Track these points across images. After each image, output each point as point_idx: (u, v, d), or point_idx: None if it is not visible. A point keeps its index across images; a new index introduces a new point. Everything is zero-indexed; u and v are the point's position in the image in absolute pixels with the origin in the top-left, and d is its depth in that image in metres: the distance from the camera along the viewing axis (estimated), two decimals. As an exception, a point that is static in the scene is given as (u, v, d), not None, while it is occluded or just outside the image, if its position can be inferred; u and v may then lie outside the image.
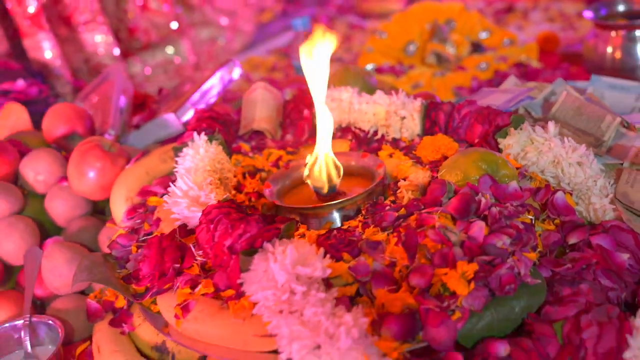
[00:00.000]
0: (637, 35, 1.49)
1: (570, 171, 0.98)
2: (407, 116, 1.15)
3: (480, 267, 0.80)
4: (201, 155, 1.04)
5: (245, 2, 2.63)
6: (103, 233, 1.12)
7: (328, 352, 0.74)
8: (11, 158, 1.17)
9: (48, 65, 1.72)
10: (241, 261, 0.81)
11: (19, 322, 1.00)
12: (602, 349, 0.75)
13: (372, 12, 2.63)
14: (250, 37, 2.47)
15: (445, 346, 0.77)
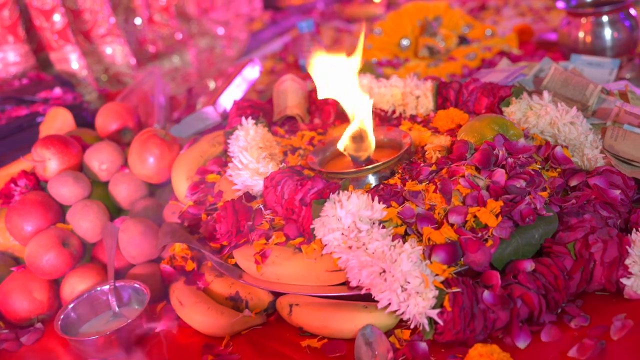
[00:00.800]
0: (604, 20, 1.71)
1: (565, 130, 1.17)
2: (421, 95, 1.34)
3: (505, 204, 0.99)
4: (252, 135, 1.22)
5: (236, 13, 2.81)
6: (167, 209, 1.28)
7: (392, 274, 0.92)
8: (77, 151, 1.32)
9: (75, 75, 1.87)
10: (313, 209, 0.98)
11: (105, 287, 1.16)
12: (608, 258, 0.94)
13: (355, 16, 2.83)
14: (244, 45, 2.65)
15: (483, 267, 0.96)
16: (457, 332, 0.90)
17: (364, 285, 0.95)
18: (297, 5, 3.10)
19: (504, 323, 0.92)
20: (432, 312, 0.90)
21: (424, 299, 0.90)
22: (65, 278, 1.20)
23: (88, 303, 1.15)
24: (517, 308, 0.92)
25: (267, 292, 1.09)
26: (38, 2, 1.83)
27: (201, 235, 1.15)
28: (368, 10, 2.81)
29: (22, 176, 1.32)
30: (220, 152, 1.32)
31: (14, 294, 1.19)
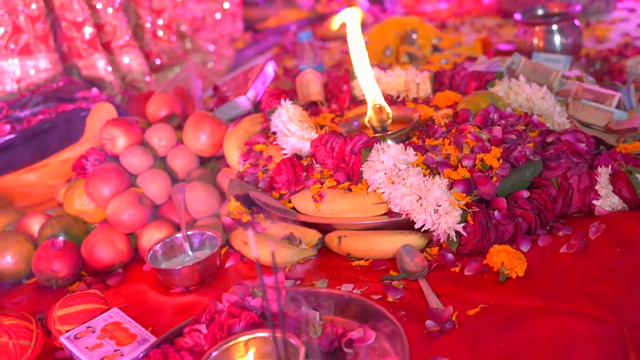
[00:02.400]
0: (554, 28, 2.08)
1: (538, 103, 1.50)
2: (421, 82, 1.66)
3: (503, 151, 1.31)
4: (292, 112, 1.50)
5: (221, 33, 3.09)
6: (220, 175, 1.54)
7: (427, 199, 1.21)
8: (139, 130, 1.57)
9: (102, 79, 2.11)
10: (362, 156, 1.27)
11: (179, 235, 1.41)
12: (582, 186, 1.27)
13: (328, 36, 3.15)
14: (232, 61, 2.92)
15: (491, 196, 1.27)
16: (477, 241, 1.20)
17: (404, 211, 1.24)
18: (273, 27, 3.41)
19: (510, 234, 1.23)
20: (459, 226, 1.20)
21: (452, 216, 1.20)
22: (143, 230, 1.45)
23: (167, 247, 1.39)
24: (519, 223, 1.23)
25: (316, 231, 1.36)
26: (70, 15, 2.07)
27: (261, 188, 1.42)
28: (340, 30, 3.14)
29: (92, 152, 1.56)
30: (259, 129, 1.60)
31: (99, 244, 1.42)
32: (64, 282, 1.41)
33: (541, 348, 0.97)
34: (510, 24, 2.79)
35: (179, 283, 1.32)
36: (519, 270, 1.14)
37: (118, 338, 1.14)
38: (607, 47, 2.26)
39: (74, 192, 1.53)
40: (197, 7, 2.91)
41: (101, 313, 1.21)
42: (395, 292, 1.18)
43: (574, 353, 0.95)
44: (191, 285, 1.33)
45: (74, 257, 1.41)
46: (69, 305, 1.21)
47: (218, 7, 2.96)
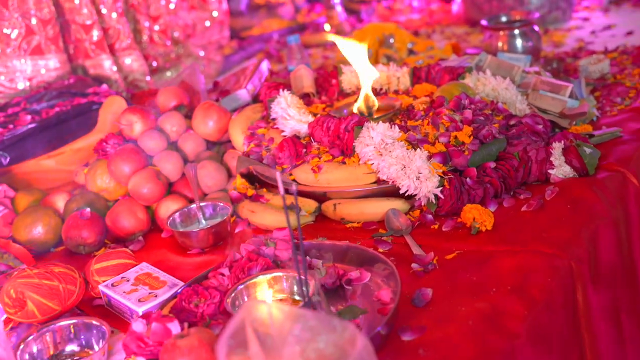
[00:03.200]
0: (516, 33, 2.33)
1: (502, 93, 1.74)
2: (401, 76, 1.89)
3: (473, 130, 1.54)
4: (290, 100, 1.72)
5: (209, 40, 3.30)
6: (227, 155, 1.74)
7: (410, 168, 1.44)
8: (153, 117, 1.77)
9: (109, 78, 2.31)
10: (355, 132, 1.50)
11: (193, 206, 1.61)
12: (540, 157, 1.50)
13: (310, 43, 3.38)
14: (220, 65, 3.13)
15: (464, 167, 1.50)
16: (452, 203, 1.43)
17: (391, 179, 1.46)
18: (257, 35, 3.63)
19: (480, 197, 1.46)
20: (437, 190, 1.42)
21: (431, 182, 1.42)
22: (160, 202, 1.64)
23: (184, 215, 1.60)
24: (487, 188, 1.46)
25: (314, 201, 1.57)
26: (80, 19, 2.27)
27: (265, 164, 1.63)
28: (320, 38, 3.37)
29: (111, 137, 1.76)
30: (260, 117, 1.81)
31: (122, 215, 1.61)
32: (90, 249, 1.60)
33: (506, 278, 1.19)
34: (477, 32, 3.05)
35: (196, 245, 1.53)
36: (488, 224, 1.37)
37: (150, 284, 1.33)
38: (563, 50, 2.53)
39: (96, 171, 1.72)
40: (189, 16, 3.11)
41: (132, 267, 1.41)
42: (385, 245, 1.40)
43: (533, 280, 1.18)
44: (206, 246, 1.53)
45: (99, 226, 1.60)
46: (105, 260, 1.40)
47: (207, 15, 3.17)
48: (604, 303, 1.31)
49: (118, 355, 1.22)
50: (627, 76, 2.07)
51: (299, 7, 3.99)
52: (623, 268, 1.41)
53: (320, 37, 3.38)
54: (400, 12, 3.75)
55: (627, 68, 2.14)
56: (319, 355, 0.85)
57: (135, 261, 1.44)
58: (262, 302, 0.92)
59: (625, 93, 1.93)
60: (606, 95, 1.95)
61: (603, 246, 1.33)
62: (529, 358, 1.08)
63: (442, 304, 1.17)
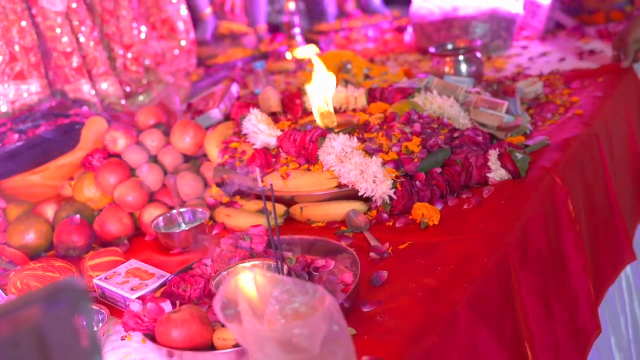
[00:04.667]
0: (460, 59, 2.59)
1: (447, 110, 1.98)
2: (358, 96, 2.11)
3: (422, 140, 1.77)
4: (259, 117, 1.92)
5: (177, 68, 3.50)
6: (204, 167, 1.93)
7: (367, 173, 1.65)
8: (135, 133, 1.96)
9: (88, 101, 2.48)
10: (319, 142, 1.70)
11: (174, 212, 1.79)
12: (479, 163, 1.73)
13: (272, 70, 3.60)
14: (189, 91, 3.33)
15: (413, 172, 1.72)
16: (404, 203, 1.64)
17: (350, 182, 1.67)
18: (222, 63, 3.84)
19: (428, 198, 1.68)
20: (390, 191, 1.64)
21: (385, 185, 1.64)
22: (144, 209, 1.82)
23: (166, 220, 1.77)
24: (434, 190, 1.68)
25: (283, 205, 1.77)
26: (60, 46, 2.44)
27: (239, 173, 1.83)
28: (282, 65, 3.60)
29: (96, 152, 1.93)
30: (232, 133, 2.01)
31: (109, 220, 1.79)
32: (80, 252, 1.76)
33: (450, 260, 1.41)
34: (427, 59, 3.31)
35: (177, 245, 1.70)
36: (435, 219, 1.58)
37: (140, 276, 1.51)
38: (503, 75, 2.80)
39: (83, 183, 1.89)
40: (158, 44, 3.31)
41: (122, 263, 1.58)
42: (346, 239, 1.60)
43: (472, 262, 1.39)
44: (187, 246, 1.71)
45: (88, 231, 1.77)
46: (98, 257, 1.58)
47: (176, 44, 3.37)
48: (534, 285, 1.54)
49: (115, 336, 1.39)
50: (558, 96, 2.34)
51: (261, 37, 4.23)
52: (551, 256, 1.64)
53: (281, 65, 3.61)
54: (357, 41, 4.01)
55: (557, 89, 2.40)
56: (294, 313, 1.05)
57: (125, 258, 1.61)
58: (248, 270, 1.11)
59: (556, 110, 2.19)
60: (539, 113, 2.21)
61: (532, 235, 1.56)
62: (469, 323, 1.29)
63: (395, 282, 1.37)
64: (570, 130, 1.98)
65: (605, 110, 2.15)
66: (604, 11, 3.56)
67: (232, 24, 4.27)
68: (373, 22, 4.32)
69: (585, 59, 2.83)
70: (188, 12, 3.43)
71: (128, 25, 2.95)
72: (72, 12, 2.53)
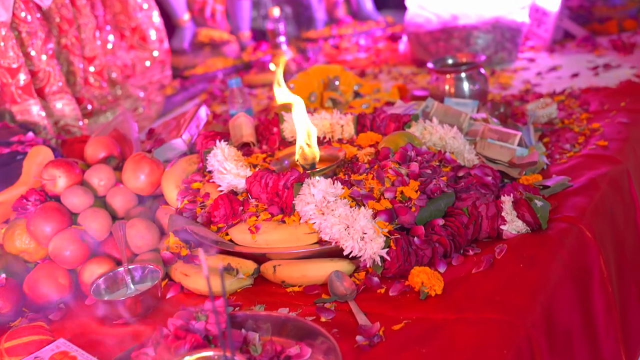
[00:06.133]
0: (462, 76, 2.28)
1: (450, 142, 1.67)
2: (345, 124, 1.80)
3: (420, 184, 1.46)
4: (227, 152, 1.61)
5: (150, 80, 3.18)
6: (159, 212, 1.62)
7: (354, 228, 1.34)
8: (79, 171, 1.64)
9: (37, 124, 2.16)
10: (295, 190, 1.39)
11: (121, 269, 1.48)
12: (490, 213, 1.43)
13: (255, 83, 3.29)
14: (161, 106, 3.01)
15: (411, 225, 1.41)
16: (399, 265, 1.34)
17: (334, 239, 1.36)
18: (200, 74, 3.52)
19: (429, 258, 1.37)
20: (383, 251, 1.33)
21: (377, 243, 1.33)
22: (84, 266, 1.50)
23: (109, 280, 1.46)
24: (436, 247, 1.37)
25: (252, 262, 1.46)
26: (5, 62, 2.12)
27: (199, 223, 1.51)
28: (265, 78, 3.29)
29: (32, 193, 1.61)
30: (195, 169, 1.70)
31: (41, 280, 1.47)
32: (5, 319, 1.45)
33: (459, 352, 1.10)
34: (423, 72, 3.01)
35: (123, 314, 1.39)
36: (437, 288, 1.28)
37: (66, 365, 1.20)
38: (510, 92, 2.50)
39: (15, 231, 1.57)
40: (127, 55, 2.99)
41: (48, 344, 1.26)
42: (327, 313, 1.29)
43: (488, 354, 1.08)
44: (134, 316, 1.40)
45: (15, 293, 1.46)
46: (16, 337, 1.26)
47: (147, 55, 3.05)
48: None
49: None
50: (575, 121, 2.03)
51: (244, 45, 3.91)
52: (582, 330, 1.33)
53: (265, 77, 3.30)
54: (347, 50, 3.70)
55: (574, 112, 2.10)
56: None
57: (52, 336, 1.29)
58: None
59: (574, 139, 1.89)
60: (555, 142, 1.90)
61: (560, 309, 1.26)
62: None
63: (389, 384, 1.06)
64: (594, 167, 1.68)
65: (633, 140, 1.85)
66: (616, 19, 3.26)
67: (213, 31, 3.95)
68: (365, 29, 4.01)
69: (600, 75, 2.53)
70: (161, 19, 3.11)
71: (90, 35, 2.64)
72: (21, 22, 2.21)
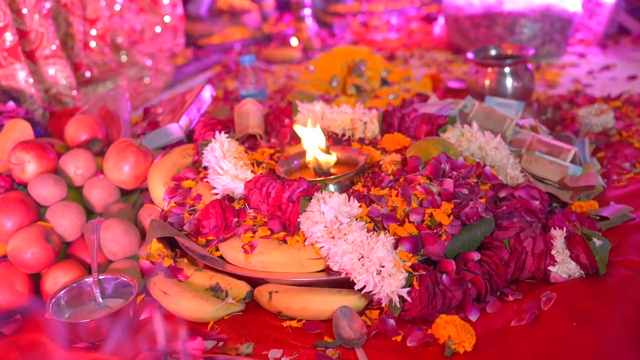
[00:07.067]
0: (506, 71, 2.01)
1: (491, 153, 1.41)
2: (369, 121, 1.54)
3: (454, 207, 1.20)
4: (227, 147, 1.36)
5: (160, 47, 2.93)
6: (142, 211, 1.38)
7: (370, 259, 1.09)
8: (53, 156, 1.40)
9: (23, 92, 1.92)
10: (301, 205, 1.14)
11: (89, 280, 1.24)
12: (537, 250, 1.17)
13: (274, 58, 3.02)
14: (170, 77, 2.76)
15: (439, 257, 1.16)
16: (422, 308, 1.09)
17: (344, 270, 1.12)
18: (216, 44, 3.26)
19: (459, 301, 1.12)
20: (403, 290, 1.08)
21: (396, 279, 1.08)
22: (48, 272, 1.27)
23: (74, 293, 1.23)
24: (468, 289, 1.12)
25: (245, 283, 1.22)
26: (-11, 20, 1.88)
27: (186, 232, 1.27)
28: (286, 54, 3.02)
29: (-4, 178, 1.38)
30: (190, 162, 1.46)
31: (-4, 286, 1.24)
32: (-49, 329, 1.22)
33: None
34: (459, 61, 2.73)
35: (84, 338, 1.16)
36: (467, 345, 1.03)
37: (2, 408, 0.97)
38: (557, 92, 2.21)
39: (-29, 223, 1.34)
40: (136, 19, 2.74)
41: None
42: (329, 362, 1.05)
43: None
44: (98, 340, 1.16)
45: (-36, 300, 1.23)
46: (-52, 363, 1.03)
47: (158, 20, 2.80)
48: None
49: None
50: (635, 133, 1.76)
51: (266, 15, 3.64)
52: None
53: (285, 53, 3.03)
54: (377, 29, 3.42)
55: (634, 123, 1.82)
56: None
57: (-5, 361, 1.07)
58: None
59: (635, 157, 1.61)
60: (612, 158, 1.63)
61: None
62: None
63: None
64: (661, 195, 1.41)
65: None
66: (677, 16, 2.94)
67: (234, -3, 3.69)
68: (398, 7, 3.72)
69: (661, 79, 2.24)
70: (177, -19, 2.85)
71: (94, -6, 2.38)
72: (12, -25, 1.96)
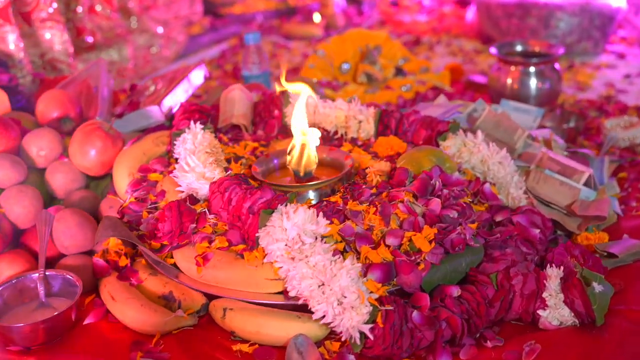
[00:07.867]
0: (531, 70, 1.84)
1: (494, 168, 1.26)
2: (364, 120, 1.40)
3: (438, 232, 1.06)
4: (199, 140, 1.24)
5: (176, 14, 2.80)
6: (104, 203, 1.27)
7: (331, 288, 0.97)
8: (15, 134, 1.30)
9: (12, 56, 1.82)
10: (261, 219, 1.02)
11: (35, 275, 1.14)
12: (527, 290, 1.03)
13: (294, 34, 2.88)
14: (182, 47, 2.64)
15: (414, 288, 1.02)
16: (385, 347, 0.96)
17: (302, 296, 0.99)
18: (237, 14, 3.13)
19: (429, 342, 0.99)
20: (365, 327, 0.95)
21: (358, 313, 0.95)
22: (-7, 262, 1.18)
23: (15, 289, 1.13)
24: (442, 329, 0.99)
25: (201, 294, 1.11)
26: (-23, -24, 1.77)
27: (141, 232, 1.16)
28: (307, 30, 2.87)
29: (-47, 155, 1.28)
30: (163, 152, 1.34)
31: None
32: None
33: None
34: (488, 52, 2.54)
35: (19, 342, 1.06)
36: (430, 398, 0.90)
37: None
38: (587, 96, 2.03)
39: None
40: (151, -17, 2.62)
41: None
42: (274, 400, 0.93)
43: None
44: (34, 345, 1.06)
45: None
46: None
47: (175, -15, 2.67)
48: None
49: None
50: (665, 154, 1.58)
51: (294, -14, 3.48)
52: None
53: (307, 29, 2.88)
54: (407, 10, 3.24)
55: (666, 141, 1.64)
56: None
57: None
58: None
59: (660, 182, 1.45)
60: (634, 181, 1.46)
61: None
62: None
63: None
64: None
65: None
66: None
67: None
68: (433, -14, 3.52)
69: None
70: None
71: (103, -46, 2.26)
72: None
